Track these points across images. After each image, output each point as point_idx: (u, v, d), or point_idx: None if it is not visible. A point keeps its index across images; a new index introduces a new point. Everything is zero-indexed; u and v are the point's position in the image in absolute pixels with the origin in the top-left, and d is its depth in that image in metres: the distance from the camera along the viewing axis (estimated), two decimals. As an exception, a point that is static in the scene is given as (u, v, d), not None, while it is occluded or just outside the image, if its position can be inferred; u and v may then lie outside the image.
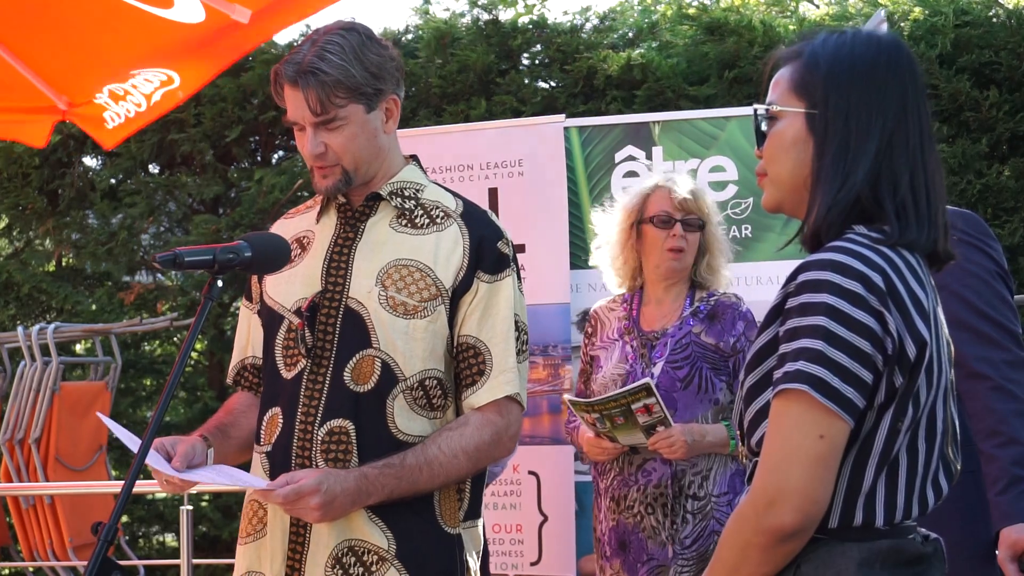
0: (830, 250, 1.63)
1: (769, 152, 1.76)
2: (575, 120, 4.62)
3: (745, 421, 1.73)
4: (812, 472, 1.58)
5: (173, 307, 7.29)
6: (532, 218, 4.31)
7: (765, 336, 1.69)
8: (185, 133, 7.05)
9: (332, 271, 2.34)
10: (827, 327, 1.58)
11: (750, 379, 1.71)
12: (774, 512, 1.58)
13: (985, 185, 6.00)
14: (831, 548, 1.63)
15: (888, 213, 1.67)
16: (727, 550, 1.66)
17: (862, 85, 1.69)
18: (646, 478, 3.31)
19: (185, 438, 2.29)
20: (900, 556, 1.64)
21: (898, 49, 1.73)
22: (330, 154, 2.32)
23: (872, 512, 1.63)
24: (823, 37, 1.76)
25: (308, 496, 2.14)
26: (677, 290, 3.47)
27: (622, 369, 3.39)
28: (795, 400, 1.59)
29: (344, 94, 2.27)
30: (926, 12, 6.27)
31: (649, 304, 3.49)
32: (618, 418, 3.22)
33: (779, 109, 1.74)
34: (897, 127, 1.69)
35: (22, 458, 6.47)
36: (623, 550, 3.33)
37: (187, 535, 4.53)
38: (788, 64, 1.77)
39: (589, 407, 3.27)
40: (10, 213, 7.61)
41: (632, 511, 3.31)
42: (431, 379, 2.31)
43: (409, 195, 2.40)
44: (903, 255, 1.66)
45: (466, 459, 2.28)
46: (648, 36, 6.97)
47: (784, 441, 1.59)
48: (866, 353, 1.58)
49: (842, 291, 1.59)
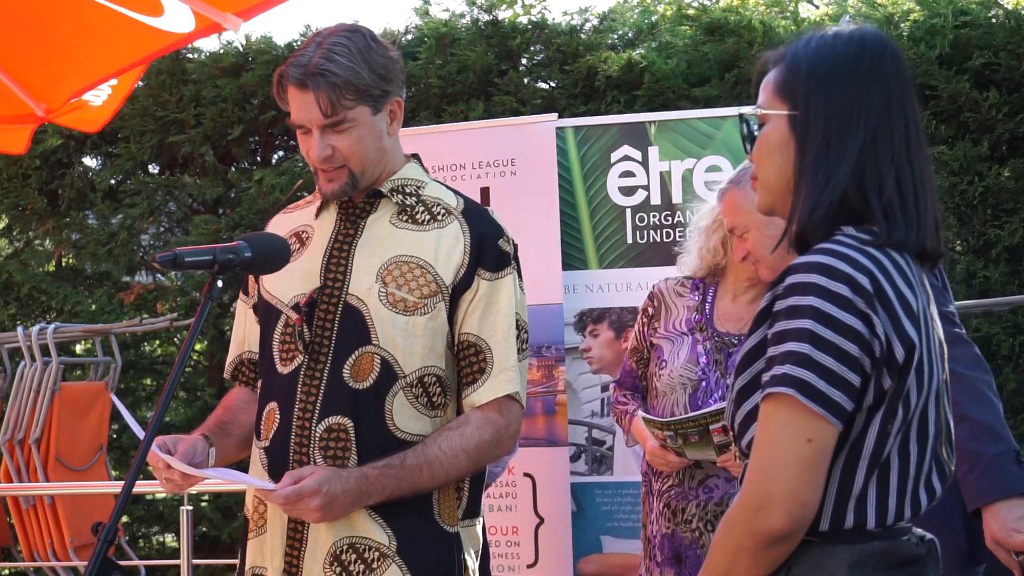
0: (817, 252, 1.63)
1: (758, 156, 1.77)
2: (570, 120, 4.62)
3: (736, 423, 1.73)
4: (800, 475, 1.58)
5: (173, 307, 7.29)
6: (524, 218, 4.29)
7: (754, 338, 1.69)
8: (185, 134, 7.05)
9: (332, 267, 2.34)
10: (813, 330, 1.58)
11: (739, 381, 1.71)
12: (763, 515, 1.58)
13: (985, 186, 6.00)
14: (822, 550, 1.63)
15: (875, 212, 1.67)
16: (718, 554, 1.67)
17: (843, 84, 1.69)
18: (707, 495, 3.19)
19: (186, 437, 2.29)
20: (893, 558, 1.64)
21: (882, 46, 1.72)
22: (337, 156, 2.31)
23: (863, 514, 1.63)
24: (807, 38, 1.76)
25: (309, 497, 2.15)
26: (758, 290, 3.22)
27: (692, 373, 3.22)
28: (782, 404, 1.59)
29: (353, 96, 2.27)
30: (925, 13, 6.27)
31: (725, 299, 3.27)
32: (693, 436, 3.07)
33: (764, 112, 1.75)
34: (880, 125, 1.68)
35: (22, 458, 6.47)
36: (678, 562, 3.22)
37: (187, 535, 4.54)
38: (774, 67, 1.78)
39: (663, 426, 3.11)
40: (10, 213, 7.61)
41: (690, 525, 3.19)
42: (430, 376, 2.31)
43: (410, 192, 2.40)
44: (891, 256, 1.66)
45: (466, 458, 2.29)
46: (648, 36, 6.97)
47: (772, 445, 1.59)
48: (853, 356, 1.58)
49: (828, 294, 1.59)
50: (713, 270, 3.30)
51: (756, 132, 1.78)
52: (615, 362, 4.20)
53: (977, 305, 5.70)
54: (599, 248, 4.38)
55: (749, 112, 1.78)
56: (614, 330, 4.29)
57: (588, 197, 4.37)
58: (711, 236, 3.26)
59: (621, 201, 4.37)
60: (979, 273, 5.99)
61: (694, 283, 3.33)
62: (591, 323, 4.36)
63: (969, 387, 2.53)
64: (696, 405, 3.19)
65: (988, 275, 5.98)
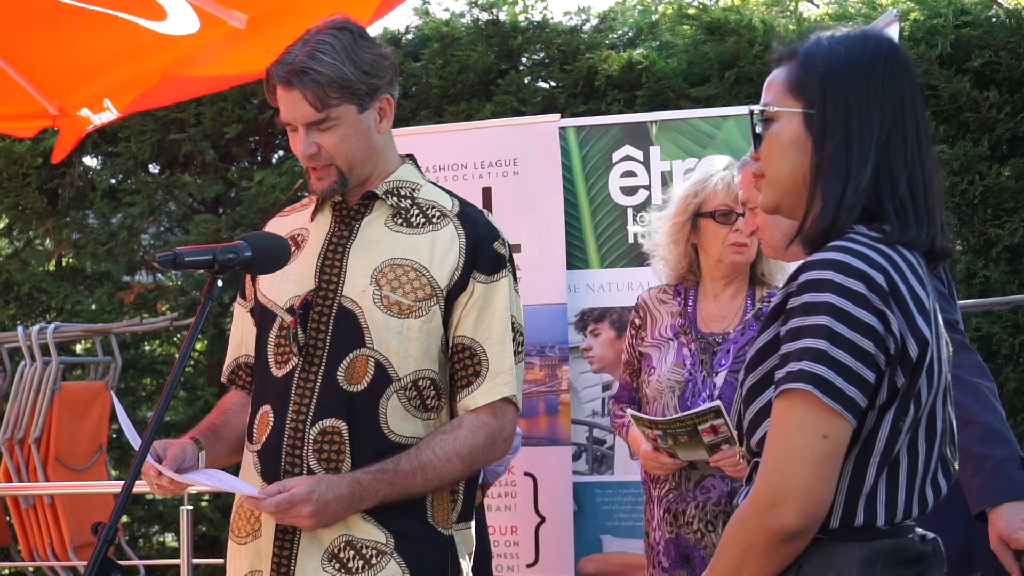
0: (831, 250, 1.63)
1: (766, 153, 1.76)
2: (572, 120, 4.62)
3: (745, 421, 1.72)
4: (815, 472, 1.58)
5: (173, 307, 7.29)
6: (527, 218, 4.30)
7: (766, 336, 1.69)
8: (185, 133, 7.05)
9: (326, 269, 2.33)
10: (830, 327, 1.58)
11: (750, 379, 1.70)
12: (777, 512, 1.58)
13: (986, 186, 5.99)
14: (833, 548, 1.63)
15: (888, 212, 1.67)
16: (729, 551, 1.66)
17: (860, 84, 1.69)
18: (704, 495, 3.20)
19: (176, 441, 2.28)
20: (902, 556, 1.65)
21: (895, 48, 1.74)
22: (323, 154, 2.31)
23: (873, 512, 1.63)
24: (816, 37, 1.76)
25: (300, 504, 2.14)
26: (736, 287, 3.29)
27: (679, 375, 3.24)
28: (799, 400, 1.59)
29: (336, 94, 2.26)
30: (926, 13, 6.27)
31: (706, 301, 3.32)
32: (682, 436, 3.09)
33: (776, 110, 1.74)
34: (895, 126, 1.69)
35: (22, 458, 6.47)
36: (687, 563, 3.22)
37: (187, 535, 4.53)
38: (781, 65, 1.77)
39: (652, 424, 3.13)
40: (10, 213, 7.60)
41: (692, 527, 3.20)
42: (425, 379, 2.30)
43: (405, 194, 2.39)
44: (903, 254, 1.66)
45: (460, 462, 2.27)
46: (648, 36, 6.97)
47: (787, 441, 1.59)
48: (869, 352, 1.58)
49: (845, 291, 1.59)
50: (682, 273, 3.34)
51: (760, 131, 1.77)
52: (616, 362, 4.19)
53: (977, 305, 5.70)
54: (600, 248, 4.38)
55: (759, 109, 1.76)
56: (615, 329, 4.28)
57: (590, 197, 4.36)
58: (674, 247, 3.32)
59: (622, 201, 4.37)
60: (979, 272, 5.99)
61: (676, 288, 3.36)
62: (592, 322, 4.36)
63: (975, 391, 2.55)
64: (685, 406, 3.20)
65: (988, 274, 5.98)
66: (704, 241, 3.29)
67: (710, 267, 3.29)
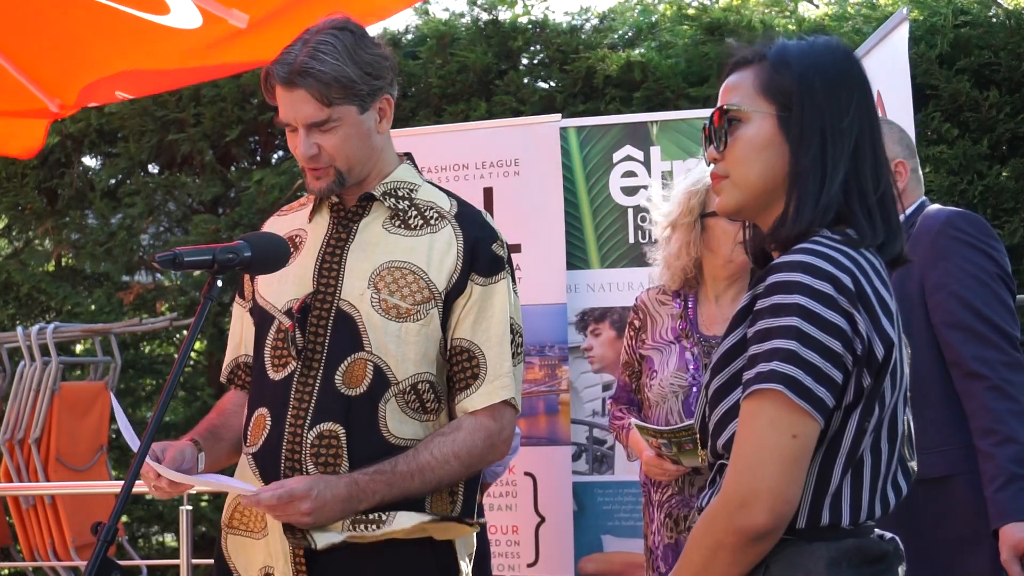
0: (799, 252, 1.65)
1: (735, 156, 1.75)
2: (572, 120, 4.61)
3: (711, 423, 1.73)
4: (785, 472, 1.58)
5: (173, 307, 7.29)
6: (527, 218, 4.30)
7: (733, 338, 1.70)
8: (185, 133, 7.05)
9: (324, 272, 2.32)
10: (799, 327, 1.59)
11: (717, 380, 1.71)
12: (746, 512, 1.59)
13: (985, 186, 5.99)
14: (799, 548, 1.63)
15: (857, 216, 1.69)
16: (696, 551, 1.66)
17: (832, 90, 1.71)
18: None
19: (174, 443, 2.27)
20: (865, 555, 1.66)
21: (855, 59, 1.77)
22: (323, 155, 2.29)
23: (838, 512, 1.64)
24: (781, 42, 1.77)
25: (298, 501, 2.13)
26: (738, 288, 3.22)
27: (682, 380, 3.20)
28: (768, 400, 1.59)
29: (338, 94, 2.25)
30: (925, 12, 6.27)
31: (707, 303, 3.26)
32: (687, 444, 3.06)
33: (749, 111, 1.74)
34: (862, 133, 1.71)
35: (22, 458, 6.48)
36: None
37: (187, 535, 4.53)
38: (745, 68, 1.77)
39: (657, 433, 3.10)
40: (9, 213, 7.61)
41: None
42: (423, 383, 2.29)
43: (403, 195, 2.37)
44: (867, 256, 1.68)
45: (458, 464, 2.27)
46: (648, 36, 6.97)
47: (756, 441, 1.60)
48: (837, 353, 1.60)
49: (813, 292, 1.60)
50: (686, 278, 3.26)
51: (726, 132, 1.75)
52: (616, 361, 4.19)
53: (977, 305, 5.68)
54: (601, 248, 4.38)
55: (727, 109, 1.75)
56: (615, 329, 4.28)
57: (590, 197, 4.37)
58: (683, 253, 3.22)
59: (623, 201, 4.37)
60: (979, 273, 5.98)
61: (675, 291, 3.31)
62: (593, 322, 4.36)
63: (1020, 413, 2.65)
64: (689, 411, 3.18)
65: (988, 275, 5.97)
66: (712, 242, 3.21)
67: (716, 268, 3.23)
